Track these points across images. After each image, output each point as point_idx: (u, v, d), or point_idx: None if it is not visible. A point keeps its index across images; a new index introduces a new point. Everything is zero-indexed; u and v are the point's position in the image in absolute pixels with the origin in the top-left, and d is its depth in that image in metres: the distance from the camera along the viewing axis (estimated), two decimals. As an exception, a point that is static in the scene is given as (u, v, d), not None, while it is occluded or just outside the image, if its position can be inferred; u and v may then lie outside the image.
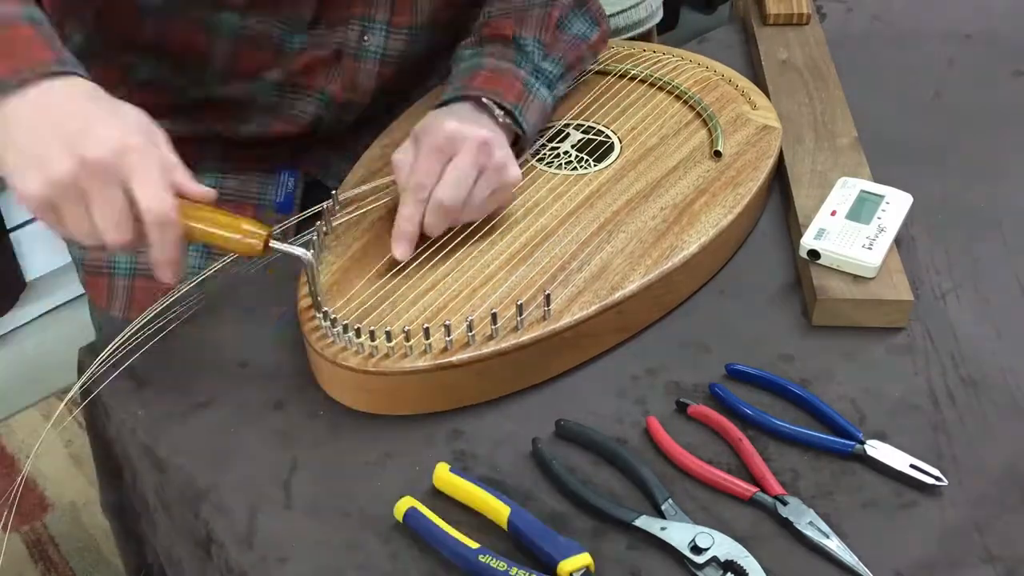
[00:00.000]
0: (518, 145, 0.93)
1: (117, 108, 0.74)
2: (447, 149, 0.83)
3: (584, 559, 0.68)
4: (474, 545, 0.69)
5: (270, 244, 0.75)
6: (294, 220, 0.94)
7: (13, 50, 0.74)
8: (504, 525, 0.72)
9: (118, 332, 0.85)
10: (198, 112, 1.01)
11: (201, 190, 0.75)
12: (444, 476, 0.74)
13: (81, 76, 0.75)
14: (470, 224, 0.89)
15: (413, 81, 1.06)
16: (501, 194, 0.87)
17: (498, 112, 0.89)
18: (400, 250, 0.84)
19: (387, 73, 1.01)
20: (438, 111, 0.89)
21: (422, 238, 0.88)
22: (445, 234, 0.88)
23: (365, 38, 0.97)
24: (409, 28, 0.99)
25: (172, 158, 0.74)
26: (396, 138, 1.00)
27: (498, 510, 0.72)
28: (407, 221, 0.83)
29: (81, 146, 0.69)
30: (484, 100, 0.89)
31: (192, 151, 0.82)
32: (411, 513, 0.72)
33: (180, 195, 0.73)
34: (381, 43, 0.99)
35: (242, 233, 0.74)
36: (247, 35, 0.95)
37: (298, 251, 0.77)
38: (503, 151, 0.86)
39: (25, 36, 0.75)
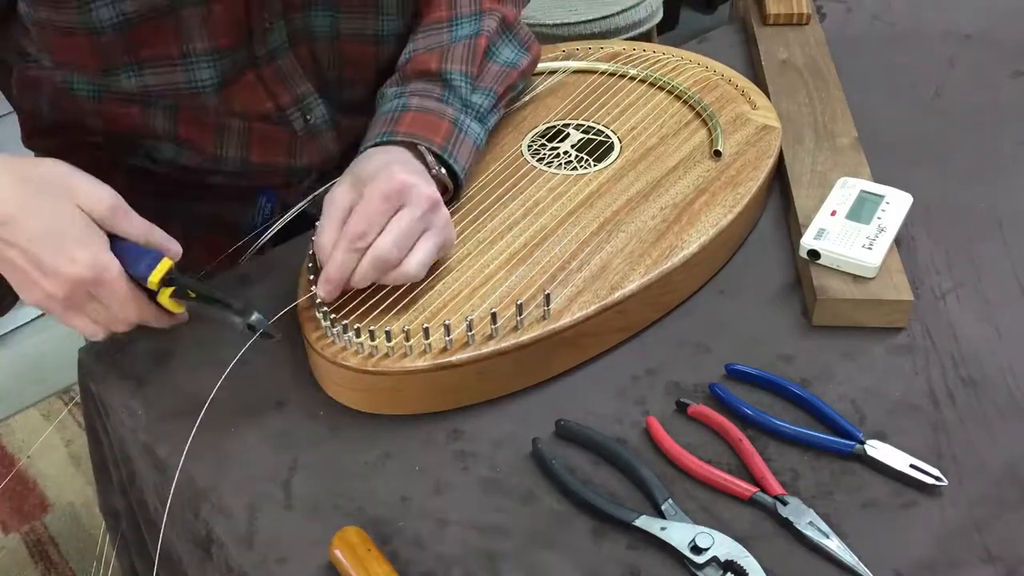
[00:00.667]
0: (449, 193, 0.90)
1: (52, 190, 0.75)
2: (395, 200, 0.78)
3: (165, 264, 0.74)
4: None
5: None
6: (267, 236, 0.94)
7: None
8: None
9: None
10: (171, 165, 1.00)
11: (170, 246, 0.79)
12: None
13: None
14: (469, 224, 0.89)
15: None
16: (439, 254, 0.83)
17: (431, 160, 0.86)
18: (325, 292, 0.80)
19: (350, 127, 1.00)
20: (377, 153, 0.85)
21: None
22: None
23: (308, 119, 0.97)
24: (343, 86, 0.98)
25: (126, 229, 0.76)
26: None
27: None
28: (339, 270, 0.78)
29: (63, 267, 0.73)
30: (419, 147, 0.86)
31: (169, 183, 0.82)
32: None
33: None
34: (324, 113, 0.98)
35: None
36: (183, 113, 0.94)
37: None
38: (445, 209, 0.82)
39: None
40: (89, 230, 0.74)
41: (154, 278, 0.76)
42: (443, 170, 0.88)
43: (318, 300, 0.81)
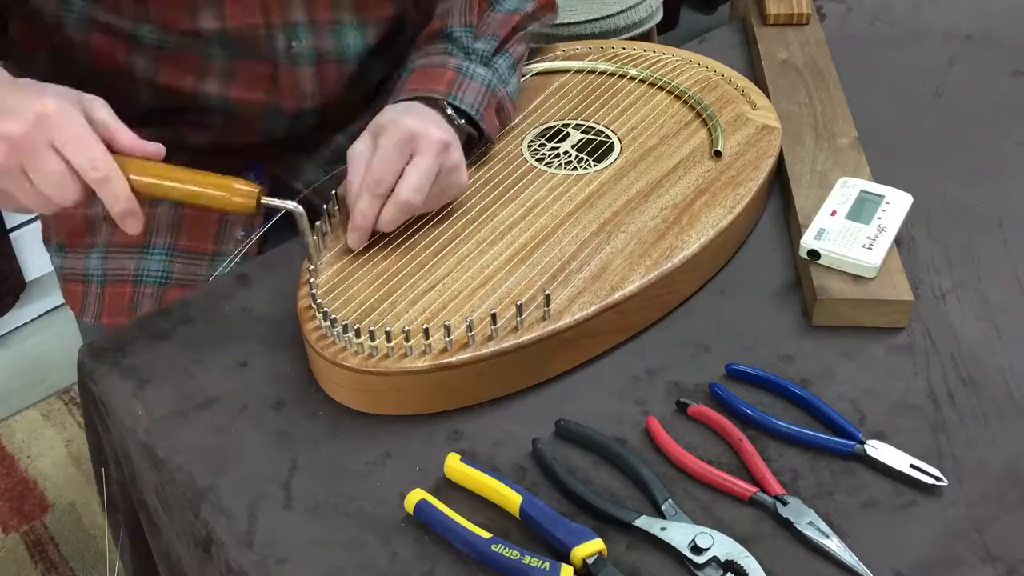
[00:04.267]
0: (478, 139, 0.95)
1: (33, 86, 0.76)
2: (408, 147, 0.84)
3: (597, 544, 0.69)
4: (486, 535, 0.69)
5: (261, 200, 0.78)
6: (259, 233, 0.95)
7: None
8: (516, 513, 0.72)
9: (112, 330, 0.86)
10: (156, 119, 1.00)
11: (146, 147, 0.78)
12: (455, 466, 0.75)
13: None
14: (469, 224, 0.89)
15: (365, 78, 1.06)
16: (449, 195, 0.89)
17: (450, 112, 0.90)
18: (353, 240, 0.86)
19: (329, 73, 1.00)
20: (394, 107, 0.89)
21: (423, 238, 0.88)
22: (444, 234, 0.88)
23: (292, 44, 0.97)
24: (333, 24, 0.98)
25: (104, 118, 0.76)
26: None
27: (509, 498, 0.72)
28: (363, 216, 0.84)
29: (2, 126, 0.72)
30: (435, 97, 0.90)
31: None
32: (422, 506, 0.72)
33: (124, 152, 0.77)
34: (310, 45, 0.98)
35: (233, 192, 0.77)
36: (166, 51, 0.94)
37: (289, 204, 0.80)
38: (458, 153, 0.88)
39: None
40: (70, 95, 0.76)
41: (578, 552, 0.70)
42: (462, 120, 0.92)
43: (351, 248, 0.86)
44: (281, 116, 1.01)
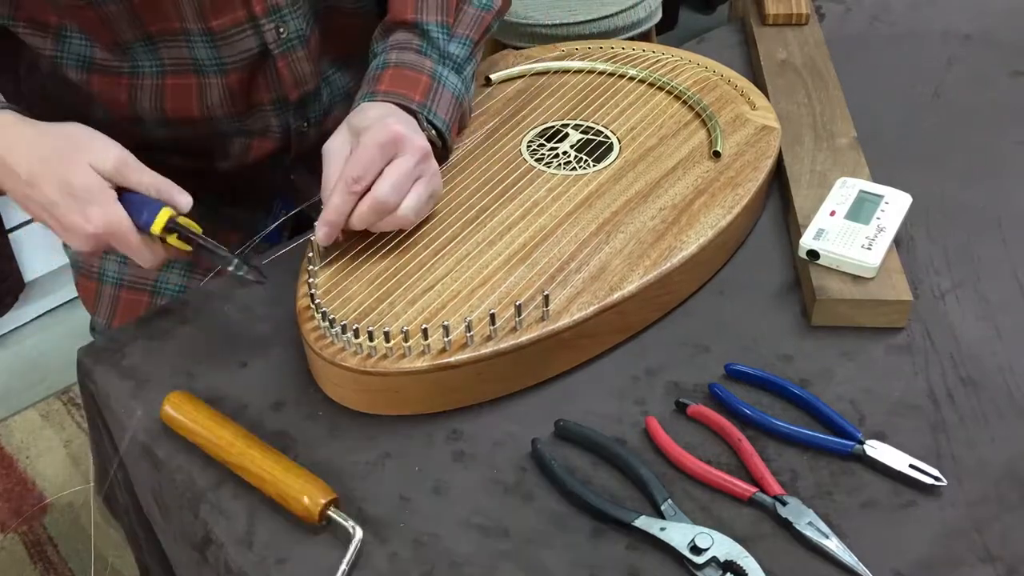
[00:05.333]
0: (437, 149, 0.92)
1: (82, 147, 0.80)
2: (390, 149, 0.82)
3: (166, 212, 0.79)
4: None
5: (328, 512, 0.73)
6: (283, 250, 0.95)
7: None
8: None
9: (112, 330, 0.86)
10: (173, 150, 1.01)
11: (182, 199, 0.82)
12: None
13: (11, 109, 0.83)
14: (468, 224, 0.89)
15: (351, 55, 1.06)
16: (427, 205, 0.86)
17: (421, 119, 0.90)
18: (322, 235, 0.84)
19: (315, 52, 1.00)
20: (371, 107, 0.88)
21: (422, 238, 0.88)
22: (443, 235, 0.88)
23: (280, 31, 0.96)
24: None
25: (141, 181, 0.81)
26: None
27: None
28: (336, 211, 0.82)
29: (78, 224, 0.79)
30: (411, 107, 0.89)
31: (189, 183, 0.83)
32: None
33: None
34: (300, 26, 0.97)
35: (307, 497, 0.73)
36: (166, 82, 0.95)
37: (350, 525, 0.72)
38: (435, 163, 0.86)
39: None
40: (100, 187, 0.79)
41: (155, 228, 0.80)
42: (432, 131, 0.92)
43: (322, 244, 0.86)
44: (286, 109, 1.01)
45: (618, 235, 0.88)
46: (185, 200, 0.82)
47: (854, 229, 0.89)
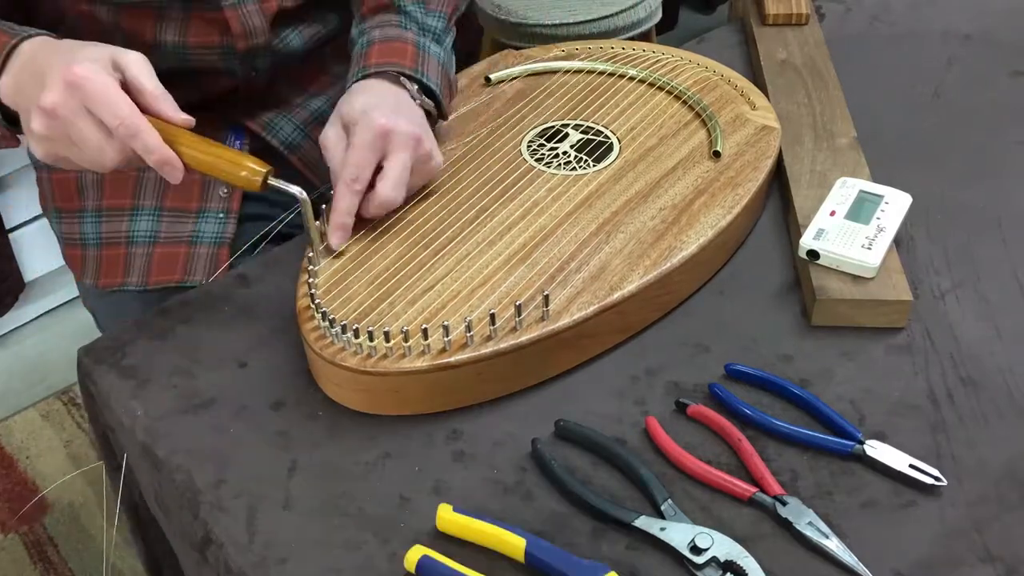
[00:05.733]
0: (434, 116, 0.97)
1: (74, 49, 0.80)
2: (379, 145, 0.86)
3: None
4: None
5: (268, 181, 0.81)
6: (273, 226, 0.97)
7: None
8: (520, 558, 0.70)
9: (103, 303, 0.86)
10: None
11: (178, 116, 0.81)
12: (448, 517, 0.72)
13: (46, 35, 0.83)
14: (468, 224, 0.89)
15: (315, 23, 1.08)
16: (424, 180, 0.92)
17: (412, 88, 0.93)
18: (336, 240, 0.86)
19: (271, 7, 1.02)
20: (358, 91, 0.91)
21: (422, 238, 0.88)
22: (443, 235, 0.88)
23: None
24: None
25: (135, 75, 0.80)
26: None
27: (512, 543, 0.70)
28: (344, 214, 0.86)
29: (41, 98, 0.76)
30: (398, 76, 0.93)
31: None
32: (424, 563, 0.69)
33: (151, 113, 0.80)
34: None
35: (244, 168, 0.80)
36: (123, 8, 0.97)
37: (294, 189, 0.81)
38: (430, 140, 0.90)
39: None
40: (102, 55, 0.79)
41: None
42: (425, 97, 0.94)
43: (332, 250, 0.87)
44: (233, 57, 1.03)
45: (618, 235, 0.88)
46: (186, 118, 0.82)
47: (854, 229, 0.89)
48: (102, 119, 0.77)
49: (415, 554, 0.69)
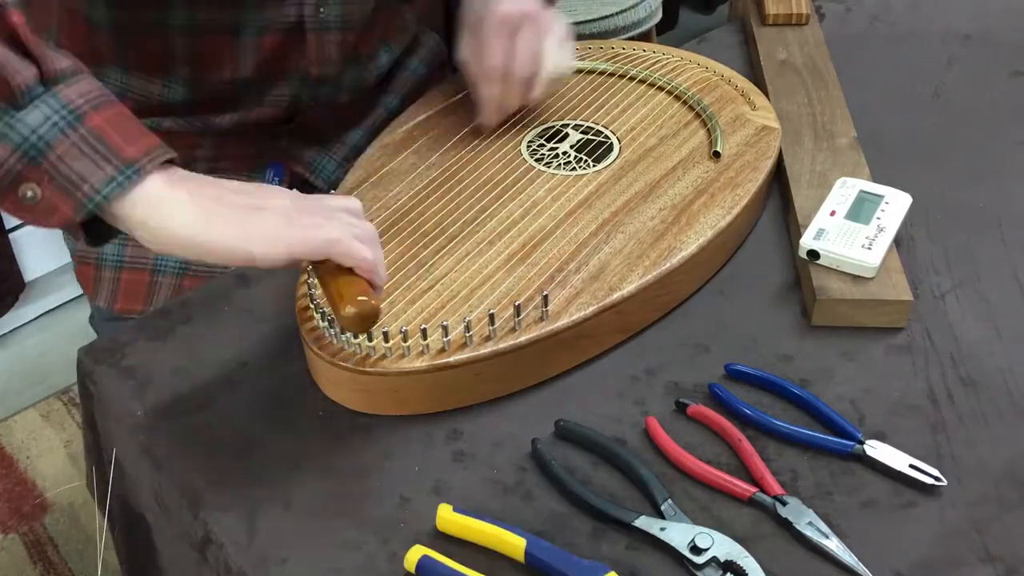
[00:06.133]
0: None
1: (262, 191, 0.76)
2: (506, 28, 0.91)
3: None
4: None
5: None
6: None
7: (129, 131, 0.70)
8: (520, 558, 0.70)
9: (114, 326, 0.85)
10: (183, 107, 1.02)
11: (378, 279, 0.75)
12: (448, 517, 0.72)
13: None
14: (468, 224, 0.89)
15: (373, 46, 1.07)
16: (566, 55, 0.97)
17: None
18: (488, 119, 0.96)
19: (351, 41, 1.01)
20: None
21: (421, 238, 0.88)
22: (443, 234, 0.88)
23: (321, 10, 0.97)
24: None
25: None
26: (395, 139, 1.00)
27: (512, 543, 0.70)
28: (490, 101, 0.94)
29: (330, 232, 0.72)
30: None
31: (184, 145, 0.83)
32: (425, 563, 0.69)
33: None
34: (339, 12, 0.98)
35: (344, 307, 0.71)
36: (201, 28, 0.95)
37: None
38: (555, 19, 0.95)
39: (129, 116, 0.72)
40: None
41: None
42: None
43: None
44: (303, 84, 1.02)
45: (617, 235, 0.88)
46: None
47: (854, 229, 0.89)
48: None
49: (415, 554, 0.69)
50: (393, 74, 1.11)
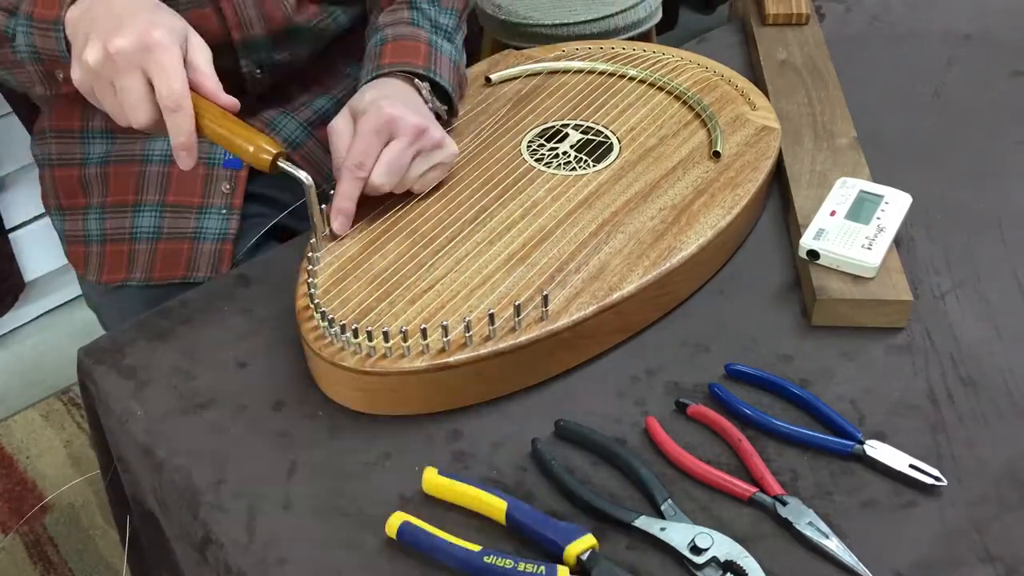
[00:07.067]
0: (446, 116, 1.00)
1: (158, 10, 0.82)
2: (384, 132, 0.87)
3: (589, 540, 0.69)
4: (476, 548, 0.69)
5: (278, 163, 0.81)
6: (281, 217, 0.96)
7: None
8: (502, 520, 0.72)
9: (108, 300, 0.86)
10: None
11: (224, 98, 0.82)
12: (434, 480, 0.74)
13: None
14: (468, 224, 0.89)
15: (324, 20, 1.08)
16: (441, 169, 0.92)
17: (425, 93, 0.95)
18: (338, 225, 0.88)
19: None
20: (373, 86, 0.93)
21: (421, 238, 0.88)
22: (442, 235, 0.88)
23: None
24: None
25: (198, 61, 0.81)
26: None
27: (495, 506, 0.72)
28: (346, 199, 0.88)
29: (110, 39, 0.77)
30: (411, 76, 0.95)
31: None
32: (405, 528, 0.71)
33: (204, 95, 0.81)
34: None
35: (255, 146, 0.80)
36: None
37: (301, 174, 0.82)
38: (438, 131, 0.90)
39: None
40: (178, 29, 0.80)
41: (571, 550, 0.69)
42: (437, 101, 0.97)
43: (334, 234, 0.88)
44: (231, 49, 1.03)
45: (617, 235, 0.88)
46: (232, 101, 0.83)
47: (854, 229, 0.89)
48: (156, 85, 0.79)
49: (396, 520, 0.71)
50: (357, 39, 1.11)
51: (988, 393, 0.81)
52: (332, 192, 0.89)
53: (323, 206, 0.88)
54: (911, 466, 0.75)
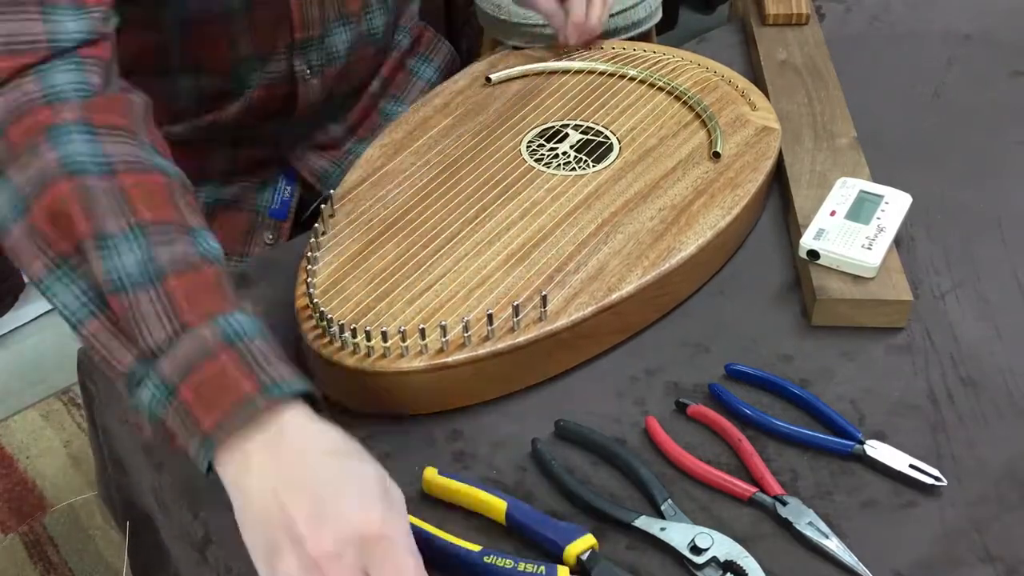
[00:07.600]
0: None
1: (350, 464, 0.64)
2: None
3: (588, 540, 0.69)
4: (476, 548, 0.69)
5: None
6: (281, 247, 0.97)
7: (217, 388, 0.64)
8: (502, 520, 0.72)
9: None
10: (188, 103, 1.03)
11: None
12: (434, 480, 0.74)
13: (291, 395, 0.65)
14: (467, 224, 0.89)
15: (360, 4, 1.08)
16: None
17: None
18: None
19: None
20: None
21: (420, 237, 0.88)
22: (442, 234, 0.88)
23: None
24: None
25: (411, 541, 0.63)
26: (395, 138, 1.00)
27: (495, 506, 0.72)
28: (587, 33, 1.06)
29: (306, 538, 0.59)
30: None
31: (194, 159, 0.83)
32: None
33: None
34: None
35: None
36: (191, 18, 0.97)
37: None
38: None
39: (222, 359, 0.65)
40: (390, 495, 0.64)
41: (571, 550, 0.67)
42: None
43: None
44: (293, 52, 1.03)
45: (617, 236, 0.88)
46: None
47: (854, 229, 0.89)
48: None
49: None
50: (404, 80, 1.11)
51: (988, 393, 0.81)
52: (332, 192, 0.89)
53: (320, 215, 0.88)
54: (911, 466, 0.75)
